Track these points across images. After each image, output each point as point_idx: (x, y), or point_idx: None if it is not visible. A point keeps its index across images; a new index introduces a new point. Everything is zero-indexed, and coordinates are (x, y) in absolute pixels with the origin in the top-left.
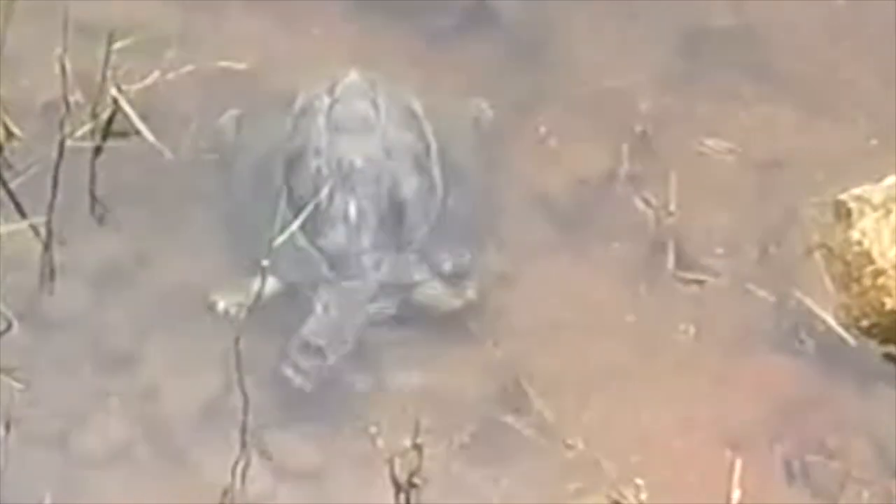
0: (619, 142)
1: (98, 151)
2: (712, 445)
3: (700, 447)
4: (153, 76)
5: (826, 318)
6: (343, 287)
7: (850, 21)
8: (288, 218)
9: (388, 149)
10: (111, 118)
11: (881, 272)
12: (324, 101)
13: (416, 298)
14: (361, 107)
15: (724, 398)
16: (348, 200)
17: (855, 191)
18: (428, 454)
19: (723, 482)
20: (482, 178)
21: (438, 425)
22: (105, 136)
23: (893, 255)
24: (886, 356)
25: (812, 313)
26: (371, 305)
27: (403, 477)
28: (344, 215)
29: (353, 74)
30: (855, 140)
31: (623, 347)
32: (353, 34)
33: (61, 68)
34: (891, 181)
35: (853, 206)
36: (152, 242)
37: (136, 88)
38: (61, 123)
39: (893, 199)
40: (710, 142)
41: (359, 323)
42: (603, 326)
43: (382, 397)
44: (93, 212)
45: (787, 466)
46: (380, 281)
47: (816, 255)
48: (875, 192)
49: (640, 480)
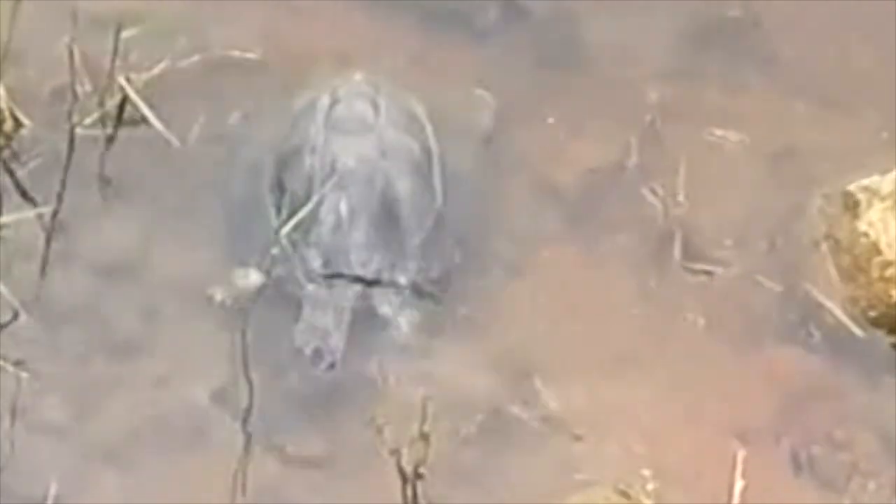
0: (627, 132)
1: (110, 140)
2: (719, 436)
3: (707, 438)
4: (162, 65)
5: (834, 309)
6: (332, 286)
7: (860, 12)
8: (280, 215)
9: (384, 150)
10: (120, 107)
11: (889, 264)
12: (325, 100)
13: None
14: (361, 108)
15: (731, 389)
16: (339, 199)
17: (863, 182)
18: (434, 444)
19: (729, 473)
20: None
21: (445, 416)
22: (115, 126)
23: None
24: (894, 347)
25: (820, 305)
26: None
27: (409, 467)
28: (334, 213)
29: (359, 76)
30: (864, 131)
31: (630, 338)
32: (362, 23)
33: (69, 57)
34: None
35: (861, 198)
36: (160, 232)
37: (145, 78)
38: (69, 113)
39: None
40: (719, 133)
41: (348, 322)
42: (610, 317)
43: (389, 388)
44: (102, 200)
45: (794, 458)
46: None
47: (824, 247)
48: (883, 184)
49: (646, 471)
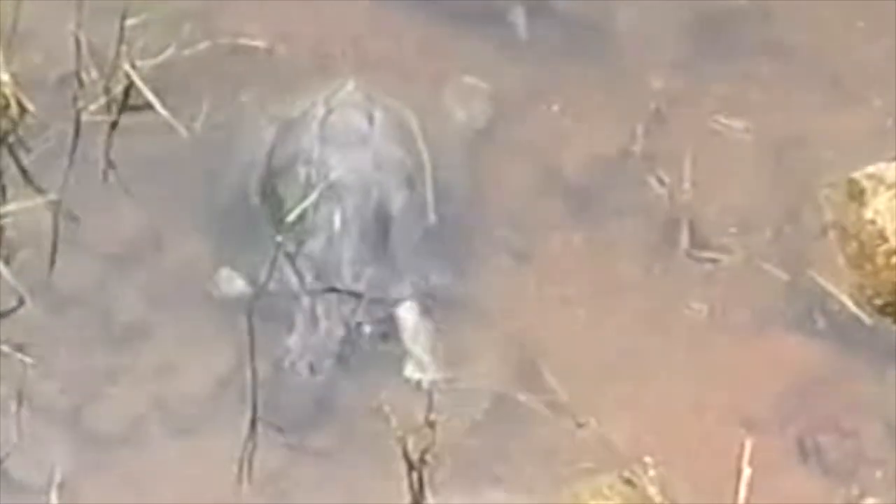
0: (633, 120)
1: (114, 126)
2: (725, 424)
3: (713, 426)
4: (168, 52)
5: (840, 297)
6: (324, 300)
7: (866, 1)
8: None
9: (378, 163)
10: (126, 93)
11: (895, 251)
12: (319, 109)
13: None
14: (356, 119)
15: (737, 377)
16: (333, 211)
17: (868, 169)
18: (441, 432)
19: (735, 461)
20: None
21: (451, 403)
22: (120, 112)
23: None
24: None
25: (826, 292)
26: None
27: (416, 454)
28: (327, 225)
29: (351, 85)
30: (870, 119)
31: (636, 326)
32: (369, 10)
33: (75, 44)
34: None
35: (867, 185)
36: (166, 219)
37: (151, 64)
38: (74, 99)
39: None
40: (725, 120)
41: (340, 336)
42: (616, 305)
43: (395, 375)
44: (107, 187)
45: (801, 445)
46: (359, 293)
47: (830, 235)
48: (889, 171)
49: (651, 459)
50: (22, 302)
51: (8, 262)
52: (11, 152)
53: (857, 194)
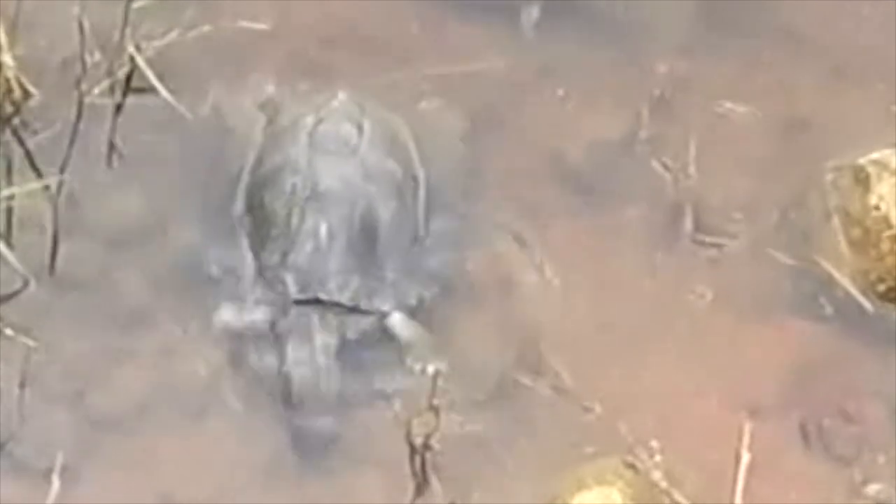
0: (637, 105)
1: (118, 108)
2: (729, 409)
3: (716, 411)
4: (172, 35)
5: (844, 282)
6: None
7: None
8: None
9: (367, 173)
10: (129, 76)
11: None
12: (309, 119)
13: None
14: (345, 129)
15: (741, 362)
16: (319, 221)
17: (873, 155)
18: (444, 416)
19: (739, 445)
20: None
21: (455, 388)
22: (123, 94)
23: None
24: None
25: (830, 278)
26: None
27: (419, 439)
28: (314, 235)
29: (342, 95)
30: (874, 105)
31: (640, 311)
32: None
33: (79, 27)
34: None
35: (871, 171)
36: (169, 202)
37: (155, 47)
38: (78, 82)
39: None
40: (730, 106)
41: (333, 352)
42: (620, 289)
43: (398, 360)
44: (111, 170)
45: (804, 430)
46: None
47: (835, 220)
48: (893, 157)
49: (655, 443)
50: (25, 284)
51: (12, 245)
52: (15, 135)
53: (862, 180)
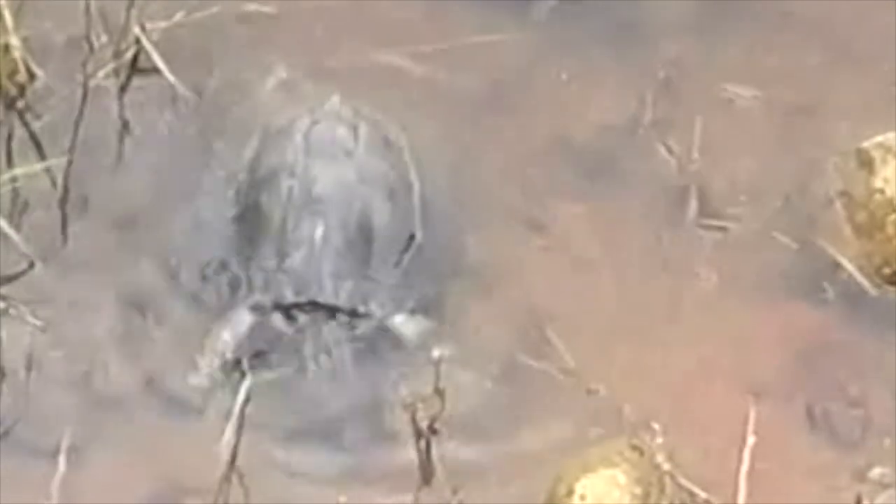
0: (642, 88)
1: (123, 89)
2: (733, 392)
3: (721, 394)
4: (178, 16)
5: (848, 265)
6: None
7: None
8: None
9: (362, 177)
10: (135, 58)
11: None
12: (304, 121)
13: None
14: (341, 132)
15: (745, 345)
16: (315, 224)
17: (878, 139)
18: (449, 399)
19: (743, 429)
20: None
21: (460, 370)
22: (128, 75)
23: None
24: None
25: (834, 261)
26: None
27: (424, 422)
28: (309, 238)
29: (336, 97)
30: (880, 88)
31: (644, 294)
32: None
33: (85, 8)
34: None
35: (876, 155)
36: (174, 184)
37: (162, 27)
38: (84, 64)
39: None
40: (735, 89)
41: (348, 356)
42: (625, 273)
43: (403, 344)
44: (117, 152)
45: (809, 413)
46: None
47: (839, 203)
48: None
49: (659, 426)
50: (31, 266)
51: (17, 227)
52: (20, 117)
53: (866, 163)
